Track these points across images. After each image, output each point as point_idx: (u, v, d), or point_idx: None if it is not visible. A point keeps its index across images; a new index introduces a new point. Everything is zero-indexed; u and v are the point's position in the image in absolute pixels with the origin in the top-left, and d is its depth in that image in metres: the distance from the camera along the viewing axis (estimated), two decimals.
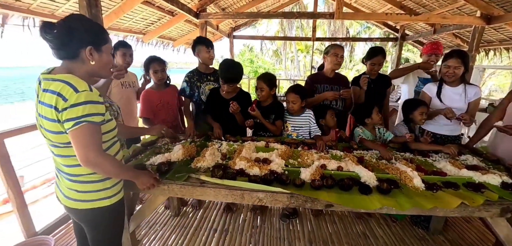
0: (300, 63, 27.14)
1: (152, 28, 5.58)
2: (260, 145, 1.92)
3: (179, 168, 1.52)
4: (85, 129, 0.98)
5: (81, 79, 1.01)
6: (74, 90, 0.96)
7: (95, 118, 1.00)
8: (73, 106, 0.95)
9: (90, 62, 1.06)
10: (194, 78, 2.39)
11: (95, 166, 1.03)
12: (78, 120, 0.96)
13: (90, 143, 0.99)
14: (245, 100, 2.18)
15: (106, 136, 1.13)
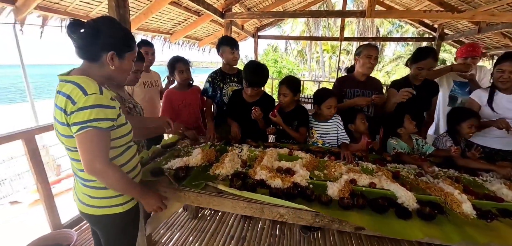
0: (325, 63, 26.41)
1: (178, 28, 5.69)
2: (283, 152, 1.80)
3: (197, 174, 1.46)
4: (91, 134, 0.93)
5: (93, 82, 0.97)
6: (83, 93, 0.92)
7: (102, 123, 0.94)
8: (80, 109, 0.91)
9: (109, 66, 1.03)
10: (217, 79, 2.34)
11: (99, 175, 0.98)
12: (84, 125, 0.92)
13: (95, 150, 0.95)
14: (268, 105, 2.07)
15: (118, 141, 1.08)
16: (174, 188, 1.34)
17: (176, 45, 6.29)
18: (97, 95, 0.94)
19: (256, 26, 7.18)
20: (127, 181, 1.07)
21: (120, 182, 1.03)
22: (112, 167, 1.00)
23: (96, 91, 0.94)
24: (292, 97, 2.00)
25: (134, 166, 1.20)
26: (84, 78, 0.97)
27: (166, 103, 2.27)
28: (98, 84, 0.98)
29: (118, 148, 1.10)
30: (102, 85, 1.04)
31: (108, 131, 0.97)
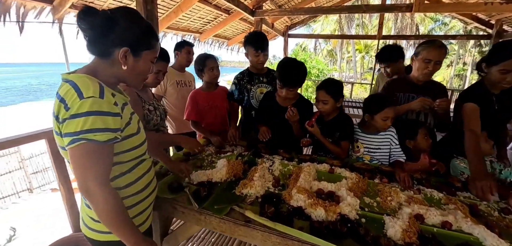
0: (357, 64, 25.07)
1: (208, 27, 5.61)
2: (322, 169, 1.51)
3: (221, 194, 1.24)
4: (84, 149, 0.74)
5: (94, 81, 0.78)
6: (78, 96, 0.74)
7: (100, 135, 0.75)
8: (73, 117, 0.73)
9: (121, 66, 0.84)
10: (244, 80, 2.11)
11: (92, 200, 0.78)
12: (76, 137, 0.73)
13: (88, 169, 0.75)
14: (305, 110, 1.78)
15: (126, 155, 0.89)
16: (194, 209, 1.13)
17: (205, 44, 6.24)
18: (95, 99, 0.74)
19: (286, 25, 6.89)
20: (121, 219, 0.83)
21: (114, 216, 0.80)
22: (109, 194, 0.79)
23: (94, 93, 0.75)
24: (333, 104, 1.69)
25: (147, 184, 1.01)
26: (85, 77, 0.79)
27: (192, 104, 2.10)
28: (101, 85, 0.79)
29: (125, 163, 0.91)
30: (110, 86, 0.86)
31: (107, 144, 0.78)
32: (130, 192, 0.93)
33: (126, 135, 0.87)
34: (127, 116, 0.87)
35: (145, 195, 1.00)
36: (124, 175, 0.91)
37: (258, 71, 2.11)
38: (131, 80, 0.91)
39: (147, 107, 1.54)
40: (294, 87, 1.72)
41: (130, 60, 0.85)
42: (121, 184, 0.90)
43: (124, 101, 0.91)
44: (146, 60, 0.90)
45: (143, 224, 1.00)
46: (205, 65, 2.06)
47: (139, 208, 0.97)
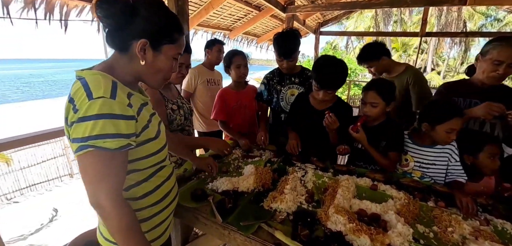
0: None
1: (238, 24, 5.55)
2: (363, 184, 1.32)
3: (247, 207, 1.11)
4: (92, 157, 0.65)
5: (107, 79, 0.69)
6: (87, 96, 0.65)
7: (110, 142, 0.65)
8: (80, 120, 0.64)
9: (139, 61, 0.75)
10: (274, 80, 1.95)
11: (103, 215, 0.69)
12: (83, 144, 0.64)
13: (98, 179, 0.66)
14: (343, 115, 1.59)
15: (144, 162, 0.80)
16: (218, 222, 1.02)
17: (235, 41, 6.20)
18: (106, 100, 0.65)
19: (318, 22, 6.57)
20: (135, 238, 0.73)
21: (123, 233, 0.70)
22: (119, 208, 0.69)
23: (105, 93, 0.65)
24: (383, 108, 1.47)
25: (166, 193, 0.92)
26: (98, 74, 0.70)
27: (219, 103, 2.01)
28: (115, 82, 0.70)
29: (142, 171, 0.82)
30: (128, 85, 0.77)
31: (120, 152, 0.68)
32: (147, 203, 0.84)
33: (143, 140, 0.78)
34: (144, 119, 0.78)
35: (164, 205, 0.91)
36: (141, 184, 0.82)
37: (290, 71, 1.94)
38: (150, 79, 0.81)
39: (171, 106, 1.47)
40: (332, 90, 1.53)
41: (149, 55, 0.76)
42: (137, 194, 0.82)
43: (143, 102, 0.81)
44: (168, 56, 0.79)
45: (160, 237, 0.91)
46: (231, 62, 1.95)
47: (156, 220, 0.88)
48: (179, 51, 0.82)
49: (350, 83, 9.56)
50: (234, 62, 1.96)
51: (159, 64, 0.79)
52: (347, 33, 9.55)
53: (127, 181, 0.79)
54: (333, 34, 7.24)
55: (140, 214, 0.84)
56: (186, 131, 1.61)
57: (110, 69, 0.75)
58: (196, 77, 2.47)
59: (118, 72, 0.76)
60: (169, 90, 1.56)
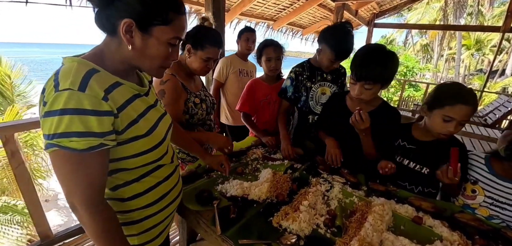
0: (462, 63, 20.24)
1: (283, 14, 5.32)
2: (403, 213, 1.05)
3: (254, 221, 0.96)
4: (57, 158, 0.58)
5: (82, 66, 0.60)
6: (54, 87, 0.56)
7: (76, 142, 0.56)
8: (46, 115, 0.56)
9: (127, 46, 0.65)
10: (303, 75, 1.67)
11: (79, 218, 0.63)
12: (49, 142, 0.56)
13: (69, 182, 0.60)
14: (389, 121, 1.31)
15: (134, 161, 0.71)
16: (216, 233, 0.90)
17: (279, 32, 5.97)
18: (73, 93, 0.55)
19: (373, 12, 5.92)
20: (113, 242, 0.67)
21: (99, 239, 0.65)
22: (94, 215, 0.62)
23: (72, 84, 0.56)
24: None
25: (162, 194, 0.83)
26: (75, 61, 0.61)
27: (247, 94, 1.85)
28: (92, 71, 0.60)
29: (131, 171, 0.73)
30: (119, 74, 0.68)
31: (90, 153, 0.59)
32: (137, 205, 0.76)
33: (130, 137, 0.68)
34: (133, 114, 0.68)
35: (159, 208, 0.82)
36: (130, 184, 0.74)
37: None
38: (144, 66, 0.71)
39: (193, 99, 1.37)
40: (373, 83, 1.22)
41: (136, 38, 0.64)
42: (124, 195, 0.74)
43: (135, 93, 0.71)
44: (161, 40, 0.67)
45: (151, 241, 0.84)
46: (262, 54, 1.78)
47: (147, 224, 0.80)
48: (177, 35, 0.69)
49: (405, 84, 8.46)
50: (264, 54, 1.78)
51: (151, 50, 0.67)
52: (408, 26, 8.34)
53: (114, 180, 0.72)
54: (391, 27, 6.46)
55: (127, 216, 0.76)
56: (207, 125, 1.53)
57: (100, 56, 0.67)
58: (228, 66, 2.38)
59: (108, 58, 0.67)
60: (192, 81, 1.47)
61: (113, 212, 0.69)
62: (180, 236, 1.27)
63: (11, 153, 1.48)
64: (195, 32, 1.30)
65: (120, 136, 0.66)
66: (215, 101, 1.62)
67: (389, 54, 1.19)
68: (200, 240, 1.27)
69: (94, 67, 0.62)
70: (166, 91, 1.25)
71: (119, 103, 0.64)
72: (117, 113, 0.63)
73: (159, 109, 0.82)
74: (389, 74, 1.21)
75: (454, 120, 1.08)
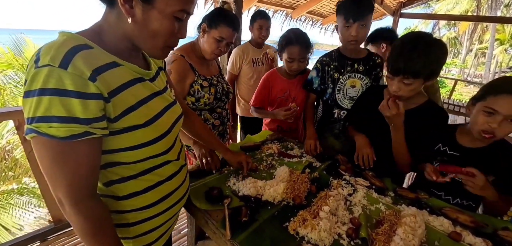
0: (494, 59, 18.80)
1: (302, 2, 5.09)
2: (438, 226, 0.92)
3: (267, 225, 0.87)
4: (37, 145, 0.51)
5: (69, 41, 0.51)
6: (35, 62, 0.49)
7: (55, 129, 0.48)
8: (26, 94, 0.49)
9: (127, 19, 0.56)
10: (330, 65, 1.51)
11: (65, 214, 0.57)
12: (28, 127, 0.49)
13: (53, 174, 0.52)
14: (434, 121, 1.14)
15: (130, 154, 0.63)
16: (226, 237, 0.82)
17: (298, 21, 5.75)
18: (53, 69, 0.47)
19: (400, 1, 5.53)
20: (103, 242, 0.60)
21: (87, 238, 0.58)
22: (81, 212, 0.55)
23: (52, 60, 0.48)
24: None
25: (164, 196, 0.75)
26: (66, 35, 0.53)
27: (263, 88, 1.69)
28: (77, 47, 0.51)
29: (129, 166, 0.65)
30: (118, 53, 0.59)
31: (74, 141, 0.51)
32: (132, 205, 0.69)
33: (126, 127, 0.59)
34: (130, 100, 0.60)
35: (160, 210, 0.74)
36: (126, 180, 0.66)
37: (353, 54, 1.48)
38: (145, 44, 0.61)
39: (200, 82, 1.31)
40: (413, 78, 1.05)
41: (138, 10, 0.56)
42: (119, 192, 0.66)
43: (134, 77, 0.63)
44: (165, 13, 0.57)
45: (151, 244, 0.76)
46: (283, 50, 1.54)
47: (146, 226, 0.73)
48: (184, 8, 0.59)
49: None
50: (287, 52, 1.53)
51: (153, 24, 0.58)
52: (439, 17, 7.68)
53: (108, 175, 0.64)
54: (420, 17, 5.99)
55: (122, 217, 0.69)
56: (217, 113, 1.45)
57: (98, 32, 0.59)
58: (241, 57, 2.26)
59: (107, 34, 0.59)
60: (205, 64, 1.39)
61: (105, 209, 0.62)
62: (189, 231, 1.21)
63: (24, 138, 1.47)
64: (212, 12, 1.27)
65: (113, 124, 0.57)
66: (231, 90, 1.52)
67: (434, 43, 1.03)
68: (209, 238, 1.21)
69: (87, 43, 0.54)
70: (172, 71, 1.22)
71: (113, 87, 0.56)
72: (108, 97, 0.55)
73: (166, 98, 0.74)
74: (433, 67, 1.04)
75: (498, 114, 0.92)
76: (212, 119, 1.44)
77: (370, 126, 1.29)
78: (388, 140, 1.20)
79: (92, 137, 0.53)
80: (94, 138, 0.54)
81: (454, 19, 10.38)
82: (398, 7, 5.47)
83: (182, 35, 0.64)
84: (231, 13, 1.29)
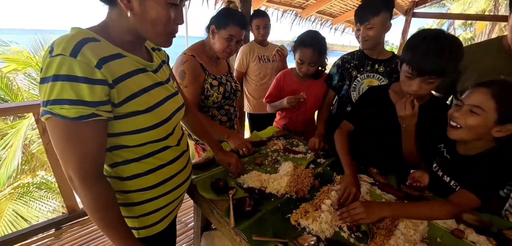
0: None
1: (312, 1, 5.08)
2: (440, 224, 0.92)
3: (270, 214, 0.90)
4: (51, 125, 0.57)
5: (78, 34, 0.57)
6: (49, 52, 0.55)
7: (67, 110, 0.54)
8: (41, 81, 0.55)
9: (127, 13, 0.61)
10: (351, 63, 1.52)
11: (75, 191, 0.63)
12: (43, 109, 0.55)
13: (64, 152, 0.58)
14: (436, 118, 1.12)
15: (134, 138, 0.68)
16: (230, 225, 0.85)
17: (307, 21, 5.73)
18: (64, 58, 0.53)
19: (413, 1, 5.42)
20: (109, 220, 0.66)
21: (95, 214, 0.64)
22: (89, 187, 0.61)
23: (64, 50, 0.53)
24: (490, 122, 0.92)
25: (166, 178, 0.80)
26: (75, 29, 0.59)
27: (276, 87, 1.69)
28: (86, 40, 0.57)
29: (132, 149, 0.70)
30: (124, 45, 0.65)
31: (82, 122, 0.56)
32: (136, 186, 0.74)
33: (128, 112, 0.65)
34: (133, 87, 0.65)
35: (161, 191, 0.79)
36: (130, 163, 0.71)
37: (375, 55, 1.46)
38: (149, 34, 0.66)
39: (210, 81, 1.35)
40: (439, 77, 1.00)
41: (134, 2, 0.61)
42: (123, 173, 0.72)
43: (138, 68, 0.68)
44: (160, 1, 0.62)
45: (154, 225, 0.81)
46: (296, 51, 1.53)
47: (149, 207, 0.78)
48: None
49: None
50: (299, 53, 1.51)
51: (151, 14, 0.62)
52: (452, 16, 7.44)
53: (113, 157, 0.70)
54: (434, 17, 5.86)
55: (126, 196, 0.74)
56: (224, 110, 1.49)
57: (105, 28, 0.65)
58: (248, 55, 2.27)
59: (113, 30, 0.65)
60: (214, 64, 1.43)
61: (110, 189, 0.67)
62: (195, 222, 1.25)
63: (42, 130, 1.55)
64: (219, 12, 1.31)
65: (117, 109, 0.63)
66: (239, 88, 1.56)
67: (455, 43, 1.00)
68: (215, 228, 1.24)
69: (94, 36, 0.60)
70: (186, 71, 1.27)
71: (117, 75, 0.61)
72: (112, 84, 0.60)
73: (168, 88, 0.79)
74: (457, 65, 1.01)
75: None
76: (219, 116, 1.48)
77: (378, 124, 1.28)
78: (394, 138, 1.19)
79: (98, 119, 0.59)
80: (100, 120, 0.59)
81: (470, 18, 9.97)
82: (411, 6, 5.37)
83: (179, 21, 0.69)
84: (237, 12, 1.33)
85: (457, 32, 21.64)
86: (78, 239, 1.77)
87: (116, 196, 0.71)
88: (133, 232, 0.75)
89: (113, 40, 0.63)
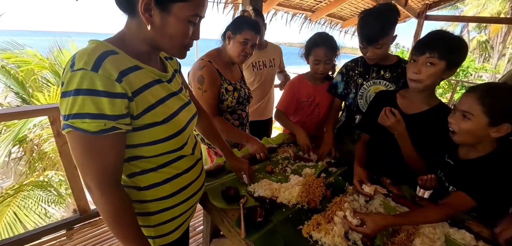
0: None
1: (322, 5, 5.03)
2: (458, 239, 0.89)
3: (281, 225, 0.89)
4: (72, 138, 0.57)
5: (99, 47, 0.58)
6: (71, 66, 0.55)
7: (88, 124, 0.55)
8: (63, 95, 0.56)
9: (147, 26, 0.62)
10: (355, 70, 1.50)
11: (91, 197, 0.64)
12: (65, 123, 0.56)
13: (84, 164, 0.59)
14: (441, 123, 1.08)
15: (151, 149, 0.69)
16: (241, 236, 0.84)
17: (317, 24, 5.68)
18: (86, 73, 0.54)
19: (426, 3, 5.31)
20: (125, 232, 0.66)
21: (112, 222, 0.64)
22: (107, 196, 0.62)
23: (86, 64, 0.54)
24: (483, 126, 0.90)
25: (183, 187, 0.80)
26: (95, 42, 0.60)
27: (292, 95, 1.67)
28: (106, 53, 0.58)
29: (148, 159, 0.70)
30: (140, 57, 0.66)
31: (102, 135, 0.57)
32: (153, 196, 0.74)
33: (146, 124, 0.65)
34: (150, 99, 0.65)
35: (178, 200, 0.80)
36: (147, 173, 0.72)
37: (379, 61, 1.41)
38: (165, 47, 0.67)
39: (226, 86, 1.38)
40: (438, 58, 1.04)
41: (156, 17, 0.61)
42: (141, 183, 0.72)
43: (155, 78, 0.69)
44: (180, 18, 0.63)
45: (169, 234, 0.81)
46: (310, 53, 1.53)
47: (165, 216, 0.78)
48: (197, 13, 0.65)
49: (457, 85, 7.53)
50: (313, 54, 1.51)
51: (170, 29, 0.63)
52: (465, 19, 7.26)
53: (131, 167, 0.70)
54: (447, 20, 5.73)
55: (143, 206, 0.75)
56: (237, 114, 1.51)
57: (122, 38, 0.65)
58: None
59: (129, 40, 0.65)
60: (230, 70, 1.46)
61: (128, 199, 0.68)
62: (204, 229, 1.25)
63: (57, 132, 1.59)
64: (235, 20, 1.38)
65: (136, 121, 0.63)
66: (251, 95, 1.58)
67: (460, 43, 1.04)
68: (224, 236, 1.24)
69: (113, 49, 0.60)
70: (204, 76, 1.30)
71: (135, 87, 0.62)
72: (132, 96, 0.61)
73: (182, 98, 0.79)
74: (457, 56, 1.05)
75: None
76: (232, 120, 1.50)
77: (385, 133, 1.26)
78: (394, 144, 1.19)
79: (118, 132, 0.59)
80: (120, 133, 0.60)
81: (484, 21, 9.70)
82: (424, 9, 5.26)
83: (196, 37, 0.70)
84: (251, 19, 1.40)
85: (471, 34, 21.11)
86: (89, 240, 1.80)
87: (133, 206, 0.71)
88: (149, 241, 0.75)
89: (129, 51, 0.64)
